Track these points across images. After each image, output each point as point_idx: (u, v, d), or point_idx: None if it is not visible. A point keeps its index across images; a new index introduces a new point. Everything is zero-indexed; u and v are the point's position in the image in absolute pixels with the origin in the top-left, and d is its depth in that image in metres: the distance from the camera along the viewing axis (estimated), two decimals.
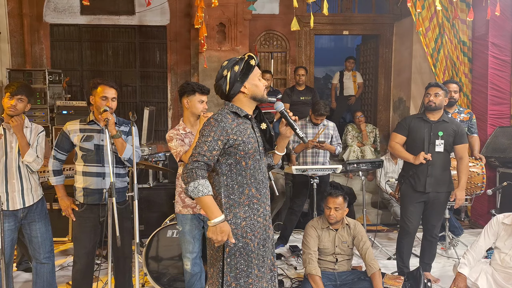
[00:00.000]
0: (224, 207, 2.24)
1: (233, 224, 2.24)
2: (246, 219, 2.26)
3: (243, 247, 2.24)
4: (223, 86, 2.28)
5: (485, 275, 3.46)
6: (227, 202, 2.25)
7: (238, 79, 2.26)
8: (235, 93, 2.29)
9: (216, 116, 2.24)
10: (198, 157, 2.16)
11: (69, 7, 7.33)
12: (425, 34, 5.99)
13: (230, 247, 2.23)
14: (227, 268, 2.23)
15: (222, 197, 2.25)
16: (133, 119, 3.15)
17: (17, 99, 3.21)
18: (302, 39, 7.85)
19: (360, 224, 3.80)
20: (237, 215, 2.25)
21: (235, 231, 2.23)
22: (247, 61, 2.28)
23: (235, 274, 2.23)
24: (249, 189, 2.27)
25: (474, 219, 6.19)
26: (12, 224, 3.25)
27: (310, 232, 3.73)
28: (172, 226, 3.80)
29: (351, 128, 7.20)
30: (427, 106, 3.92)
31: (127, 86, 7.63)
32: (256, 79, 2.31)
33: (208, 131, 2.19)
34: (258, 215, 2.31)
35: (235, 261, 2.24)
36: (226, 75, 2.26)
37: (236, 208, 2.25)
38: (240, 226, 2.24)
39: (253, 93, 2.30)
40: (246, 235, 2.25)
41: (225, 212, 2.23)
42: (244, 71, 2.26)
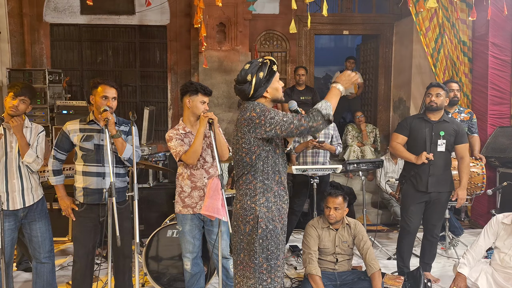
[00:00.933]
0: (258, 191, 2.40)
1: (265, 207, 2.39)
2: (275, 203, 2.43)
3: (273, 230, 2.39)
4: (247, 90, 2.41)
5: (485, 275, 3.46)
6: (262, 186, 2.41)
7: (262, 85, 2.41)
8: (258, 97, 2.45)
9: (259, 106, 2.39)
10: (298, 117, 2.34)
11: (69, 6, 7.32)
12: (425, 34, 5.99)
13: (262, 228, 2.36)
14: (259, 249, 2.36)
15: (257, 181, 2.41)
16: (133, 119, 3.14)
17: (20, 100, 3.22)
18: (302, 39, 7.84)
19: (360, 223, 3.79)
20: (269, 199, 2.41)
21: (267, 214, 2.38)
22: (271, 67, 2.43)
23: (266, 255, 2.37)
24: (279, 176, 2.46)
25: (474, 219, 6.19)
26: (12, 223, 3.25)
27: (310, 231, 3.72)
28: (172, 226, 3.80)
29: (351, 128, 7.20)
30: (428, 106, 3.91)
31: (127, 85, 7.63)
32: (276, 83, 2.48)
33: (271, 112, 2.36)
34: (283, 201, 2.48)
35: (266, 242, 2.37)
36: (251, 80, 2.39)
37: (268, 192, 2.41)
38: (271, 210, 2.40)
39: (274, 96, 2.48)
40: (275, 219, 2.41)
41: (258, 196, 2.39)
42: (269, 77, 2.42)
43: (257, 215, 2.37)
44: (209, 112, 3.17)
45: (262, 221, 2.36)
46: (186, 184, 3.27)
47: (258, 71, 2.39)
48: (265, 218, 2.37)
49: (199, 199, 3.25)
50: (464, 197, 3.97)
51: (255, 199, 2.39)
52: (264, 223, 2.37)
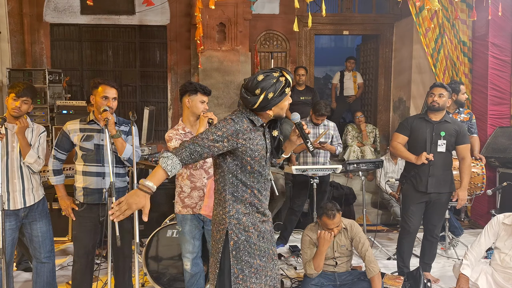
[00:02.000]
0: (228, 203, 2.34)
1: (236, 219, 2.33)
2: (247, 214, 2.36)
3: (246, 240, 2.34)
4: (252, 102, 2.26)
5: (485, 275, 3.46)
6: (231, 198, 2.34)
7: (269, 104, 2.26)
8: (259, 112, 2.31)
9: (235, 117, 2.27)
10: (199, 141, 2.16)
11: (69, 6, 7.33)
12: (425, 34, 5.99)
13: (234, 240, 2.32)
14: (233, 261, 2.32)
15: (226, 193, 2.34)
16: (133, 119, 3.15)
17: (22, 101, 3.22)
18: (302, 39, 7.84)
19: (356, 224, 3.74)
20: (239, 211, 2.35)
21: (238, 226, 2.33)
22: (283, 89, 2.26)
23: (241, 266, 2.33)
24: (251, 190, 2.36)
25: (474, 219, 6.19)
26: (13, 223, 3.25)
27: (306, 241, 3.69)
28: (172, 226, 3.80)
29: (351, 128, 7.20)
30: (431, 106, 3.90)
31: (127, 85, 7.63)
32: (284, 103, 2.32)
33: (222, 126, 2.22)
34: (258, 211, 2.40)
35: (240, 254, 2.33)
36: (259, 95, 2.24)
37: (239, 204, 2.35)
38: (242, 221, 2.34)
39: (277, 114, 2.34)
40: (248, 229, 2.35)
41: (228, 208, 2.33)
42: (277, 99, 2.26)
43: (226, 227, 2.31)
44: (209, 112, 3.17)
45: (232, 233, 2.31)
46: (186, 184, 3.27)
47: (270, 89, 2.22)
48: (236, 229, 2.32)
49: (199, 199, 3.25)
50: (464, 198, 3.96)
51: (226, 211, 2.33)
52: (235, 234, 2.31)
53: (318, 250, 3.55)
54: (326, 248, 3.53)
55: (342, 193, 5.94)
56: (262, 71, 2.31)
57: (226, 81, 6.82)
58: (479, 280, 3.44)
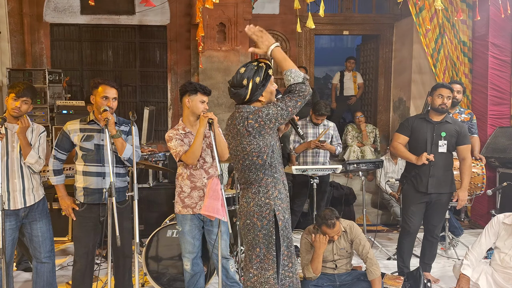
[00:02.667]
0: (270, 186, 2.44)
1: (279, 200, 2.45)
2: (285, 193, 2.51)
3: (288, 219, 2.48)
4: (243, 94, 2.38)
5: (485, 275, 3.46)
6: (272, 181, 2.44)
7: (258, 89, 2.38)
8: (253, 101, 2.42)
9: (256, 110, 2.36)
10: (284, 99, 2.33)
11: (69, 6, 7.32)
12: (425, 34, 5.99)
13: (282, 220, 2.42)
14: (281, 240, 2.41)
15: (268, 176, 2.44)
16: (133, 119, 3.14)
17: (22, 101, 3.22)
18: (302, 39, 7.84)
19: (356, 225, 3.70)
20: (280, 191, 2.47)
21: (282, 205, 2.45)
22: (267, 71, 2.39)
23: (287, 244, 2.44)
24: (282, 166, 2.53)
25: (474, 219, 6.19)
26: (13, 223, 3.25)
27: (303, 245, 3.66)
28: (172, 226, 3.80)
29: (351, 128, 7.20)
30: (439, 108, 3.85)
31: (127, 85, 7.63)
32: (271, 87, 2.46)
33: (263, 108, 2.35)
34: (285, 192, 2.53)
35: (286, 232, 2.45)
36: (247, 85, 2.36)
37: (278, 184, 2.47)
38: (284, 200, 2.48)
39: (268, 99, 2.45)
40: (287, 208, 2.51)
41: (271, 190, 2.43)
42: (265, 82, 2.39)
43: (273, 209, 2.40)
44: (209, 112, 3.17)
45: (279, 213, 2.41)
46: (186, 184, 3.26)
47: (255, 75, 2.36)
48: (281, 209, 2.43)
49: (199, 199, 3.25)
50: (465, 198, 3.95)
51: (269, 194, 2.42)
52: (282, 214, 2.43)
53: (314, 254, 3.52)
54: (323, 251, 3.51)
55: (342, 193, 5.94)
56: (242, 65, 2.44)
57: (226, 81, 6.80)
58: (480, 280, 3.44)
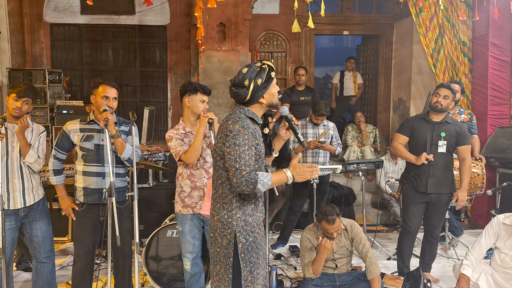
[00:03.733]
0: (234, 206, 2.33)
1: (243, 221, 2.33)
2: (252, 215, 2.37)
3: (253, 241, 2.35)
4: (244, 95, 2.32)
5: (485, 275, 3.46)
6: (238, 200, 2.33)
7: (259, 91, 2.33)
8: (253, 102, 2.36)
9: (241, 123, 2.26)
10: (246, 169, 2.20)
11: (69, 6, 7.33)
12: (425, 34, 5.99)
13: (242, 243, 2.32)
14: (242, 264, 2.32)
15: (233, 195, 2.33)
16: (133, 119, 3.14)
17: (23, 102, 3.22)
18: (302, 39, 7.84)
19: (357, 224, 3.71)
20: (245, 212, 2.34)
21: (245, 228, 2.33)
22: (269, 73, 2.34)
23: (250, 268, 2.34)
24: None
25: (474, 219, 6.19)
26: (13, 223, 3.25)
27: (304, 244, 3.65)
28: (172, 226, 3.80)
29: (351, 128, 7.20)
30: (433, 106, 3.89)
31: (127, 85, 7.63)
32: (273, 89, 2.40)
33: (242, 140, 2.23)
34: (259, 211, 2.43)
35: (248, 255, 2.34)
36: (249, 85, 2.31)
37: (245, 206, 2.35)
38: (249, 222, 2.35)
39: (269, 101, 2.39)
40: (254, 230, 2.37)
41: (235, 210, 2.32)
42: (266, 84, 2.34)
43: (234, 230, 2.30)
44: (209, 112, 3.17)
45: (240, 235, 2.31)
46: (186, 184, 3.26)
47: (257, 77, 2.31)
48: (243, 231, 2.32)
49: (199, 199, 3.25)
50: (464, 199, 3.95)
51: (232, 214, 2.31)
52: (243, 236, 2.32)
53: (317, 257, 3.52)
54: (326, 256, 3.50)
55: (342, 193, 5.93)
56: (245, 65, 2.38)
57: (226, 81, 6.82)
58: (480, 280, 3.44)
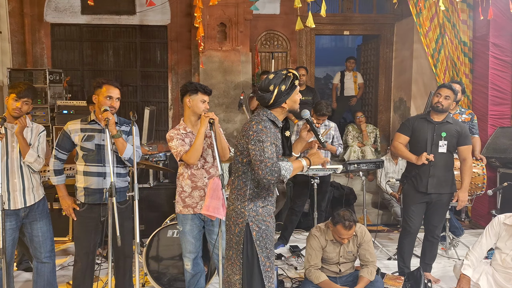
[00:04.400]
0: (248, 197, 2.55)
1: (254, 212, 2.55)
2: (263, 207, 2.59)
3: (267, 229, 2.57)
4: (268, 99, 2.53)
5: (486, 275, 3.46)
6: (252, 193, 2.56)
7: (282, 96, 2.53)
8: (276, 106, 2.56)
9: (264, 124, 2.49)
10: (270, 161, 2.41)
11: (70, 6, 7.33)
12: (425, 34, 5.99)
13: (256, 230, 2.53)
14: (259, 250, 2.52)
15: (248, 188, 2.56)
16: (133, 119, 3.15)
17: (23, 102, 3.23)
18: (303, 39, 7.84)
19: (368, 232, 3.65)
20: (257, 204, 2.56)
21: (257, 217, 2.55)
22: (293, 81, 2.55)
23: (266, 254, 2.54)
24: (269, 186, 2.58)
25: (475, 219, 6.19)
26: (13, 223, 3.25)
27: (313, 243, 3.57)
28: (172, 226, 3.80)
29: (352, 128, 7.19)
30: (434, 106, 3.88)
31: (127, 85, 7.63)
32: (295, 96, 2.60)
33: (265, 137, 2.44)
34: (270, 204, 2.65)
35: (264, 242, 2.54)
36: (273, 90, 2.52)
37: (257, 198, 2.57)
38: (260, 212, 2.56)
39: (291, 107, 2.60)
40: (266, 219, 2.58)
41: (247, 202, 2.55)
42: (289, 91, 2.55)
43: (246, 219, 2.52)
44: (210, 112, 3.18)
45: (253, 224, 2.52)
46: (187, 184, 3.27)
47: (281, 83, 2.50)
48: (256, 220, 2.53)
49: (200, 199, 3.25)
50: (465, 199, 3.94)
51: (245, 205, 2.54)
52: (256, 225, 2.53)
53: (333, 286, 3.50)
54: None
55: (343, 193, 5.93)
56: (271, 72, 2.63)
57: (227, 81, 6.82)
58: (480, 281, 3.44)
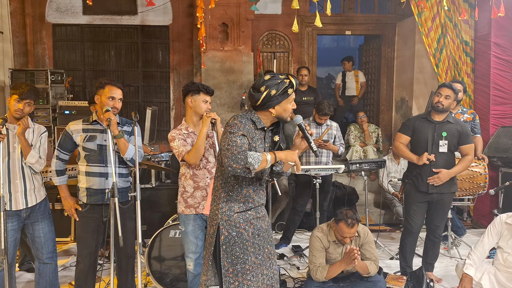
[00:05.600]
0: (221, 200, 2.46)
1: (227, 216, 2.45)
2: (239, 213, 2.47)
3: (237, 236, 2.44)
4: (255, 99, 2.42)
5: (488, 275, 3.46)
6: (225, 196, 2.47)
7: (270, 101, 2.39)
8: (263, 109, 2.44)
9: (239, 119, 2.40)
10: (237, 149, 2.29)
11: (71, 7, 7.34)
12: (427, 34, 5.98)
13: (225, 235, 2.43)
14: (223, 255, 2.44)
15: (223, 191, 2.47)
16: (135, 119, 3.15)
17: (26, 103, 3.22)
18: (304, 39, 7.83)
19: (370, 233, 3.63)
20: (231, 208, 2.46)
21: (229, 222, 2.44)
22: (286, 89, 2.39)
23: (231, 260, 2.43)
24: (247, 190, 2.48)
25: (477, 219, 6.18)
26: (15, 224, 3.25)
27: (316, 244, 3.56)
28: (174, 226, 3.80)
29: (354, 128, 7.19)
30: (435, 106, 3.88)
31: (129, 86, 7.63)
32: (287, 104, 2.44)
33: (237, 129, 2.35)
34: (250, 209, 2.51)
35: (230, 248, 2.43)
36: (263, 92, 2.39)
37: (232, 202, 2.46)
38: (233, 218, 2.45)
39: (279, 115, 2.46)
40: (239, 225, 2.45)
41: (221, 204, 2.46)
42: (279, 97, 2.40)
43: (218, 222, 2.45)
44: (211, 112, 3.18)
45: (223, 228, 2.43)
46: (189, 184, 3.27)
47: (273, 87, 2.38)
48: (226, 225, 2.43)
49: (202, 199, 3.25)
50: (442, 177, 3.84)
51: (219, 207, 2.46)
52: (226, 229, 2.43)
53: (338, 265, 3.44)
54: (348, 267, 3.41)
55: (345, 193, 5.93)
56: (271, 73, 2.47)
57: (229, 81, 6.82)
58: (483, 280, 3.43)
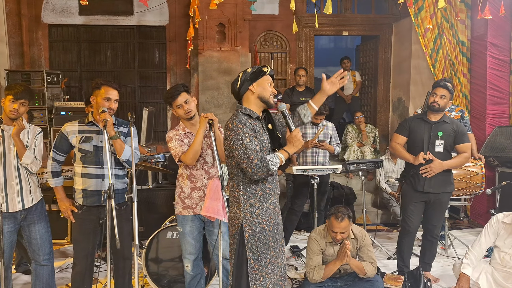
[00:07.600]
0: (241, 198, 2.53)
1: (249, 213, 2.52)
2: (260, 207, 2.55)
3: (261, 232, 2.53)
4: (235, 85, 2.56)
5: (485, 274, 3.47)
6: (245, 194, 2.53)
7: (248, 79, 2.54)
8: (244, 91, 2.56)
9: (237, 119, 2.47)
10: (256, 157, 2.40)
11: (67, 7, 7.32)
12: (424, 34, 5.99)
13: (249, 233, 2.51)
14: (249, 252, 2.51)
15: (240, 189, 2.54)
16: (132, 120, 3.13)
17: (20, 103, 3.21)
18: (302, 40, 7.84)
19: (367, 235, 3.65)
20: (253, 205, 2.53)
21: (252, 219, 2.52)
22: (261, 68, 2.57)
23: (257, 257, 2.52)
24: (262, 183, 2.56)
25: (474, 218, 6.20)
26: (11, 226, 3.23)
27: (313, 247, 3.58)
28: (172, 228, 3.79)
29: (351, 128, 7.19)
30: (431, 106, 3.89)
31: (126, 86, 7.62)
32: (265, 83, 2.56)
33: (242, 133, 2.43)
34: (270, 203, 2.60)
35: (255, 245, 2.52)
36: (240, 75, 2.57)
37: (252, 199, 2.53)
38: (256, 214, 2.53)
39: (260, 93, 2.55)
40: (262, 221, 2.54)
41: (242, 203, 2.53)
42: (255, 74, 2.54)
43: (241, 221, 2.52)
44: (209, 113, 3.16)
45: (247, 226, 2.51)
46: (186, 185, 3.26)
47: (248, 69, 2.56)
48: (250, 223, 2.51)
49: (199, 200, 3.24)
50: (435, 168, 3.83)
51: (240, 206, 2.53)
52: (250, 227, 2.51)
53: (333, 264, 3.47)
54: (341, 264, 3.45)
55: (342, 193, 5.94)
56: None
57: (226, 81, 6.82)
58: (480, 279, 3.44)
